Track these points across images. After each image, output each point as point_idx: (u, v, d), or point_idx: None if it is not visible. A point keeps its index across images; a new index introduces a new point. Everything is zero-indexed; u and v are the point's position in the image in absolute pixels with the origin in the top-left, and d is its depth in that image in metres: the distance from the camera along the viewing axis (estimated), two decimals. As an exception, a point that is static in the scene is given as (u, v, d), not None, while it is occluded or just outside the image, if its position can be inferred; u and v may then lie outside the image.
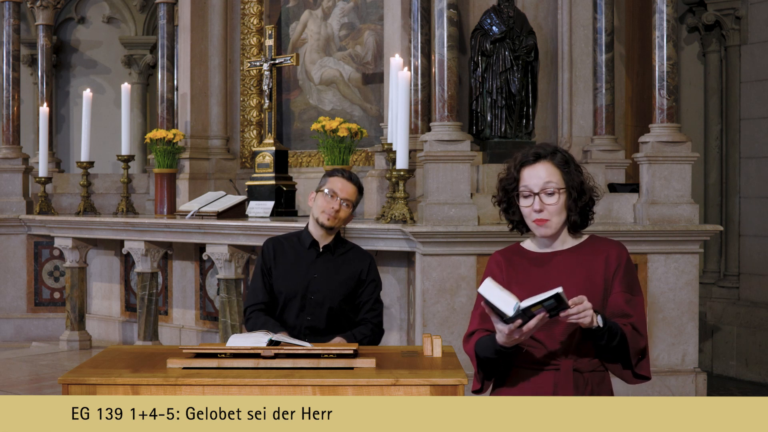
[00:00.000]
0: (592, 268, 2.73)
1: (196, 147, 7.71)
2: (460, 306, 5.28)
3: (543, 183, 2.69)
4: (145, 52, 9.78)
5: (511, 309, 2.47)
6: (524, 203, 2.72)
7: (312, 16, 7.40)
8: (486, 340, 2.68)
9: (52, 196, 8.12)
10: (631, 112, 6.76)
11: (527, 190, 2.71)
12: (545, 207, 2.69)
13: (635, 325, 2.67)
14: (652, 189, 5.46)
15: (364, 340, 3.86)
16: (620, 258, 2.74)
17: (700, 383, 5.51)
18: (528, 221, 2.74)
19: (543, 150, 2.75)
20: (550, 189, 2.69)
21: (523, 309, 2.46)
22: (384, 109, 6.51)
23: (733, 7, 7.50)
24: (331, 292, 3.89)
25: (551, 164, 2.72)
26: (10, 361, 7.14)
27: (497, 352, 2.63)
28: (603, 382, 2.75)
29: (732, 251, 7.55)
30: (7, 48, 8.24)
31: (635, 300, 2.73)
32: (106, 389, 2.90)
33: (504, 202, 2.81)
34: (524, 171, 2.73)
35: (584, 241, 2.80)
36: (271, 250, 3.97)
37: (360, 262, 3.97)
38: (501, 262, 2.81)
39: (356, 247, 4.08)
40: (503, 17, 6.03)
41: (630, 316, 2.68)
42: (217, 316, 6.95)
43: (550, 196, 2.69)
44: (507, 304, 2.48)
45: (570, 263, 2.74)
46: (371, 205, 6.45)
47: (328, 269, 3.92)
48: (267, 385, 2.89)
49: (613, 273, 2.73)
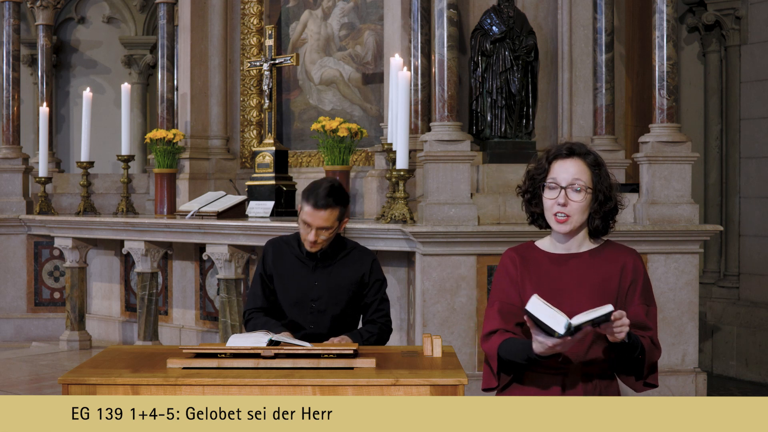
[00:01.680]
0: (607, 275, 2.71)
1: (196, 147, 7.71)
2: (460, 306, 5.28)
3: (572, 178, 2.67)
4: (145, 52, 9.78)
5: (561, 327, 2.44)
6: (549, 195, 2.70)
7: (312, 16, 7.40)
8: (515, 345, 2.65)
9: (52, 196, 8.12)
10: (631, 112, 6.76)
11: (554, 183, 2.69)
12: (569, 202, 2.67)
13: (653, 338, 2.68)
14: (652, 189, 5.46)
15: (371, 338, 3.80)
16: (637, 269, 2.73)
17: (700, 383, 5.51)
18: (548, 214, 2.72)
19: (578, 147, 2.74)
20: (578, 186, 2.67)
21: (574, 327, 2.44)
22: (384, 109, 6.51)
23: (733, 7, 7.50)
24: (333, 299, 3.84)
25: (583, 162, 2.71)
26: (10, 361, 7.14)
27: (530, 360, 2.60)
28: (610, 386, 2.76)
29: (732, 251, 7.55)
30: (7, 48, 8.24)
31: (651, 312, 2.73)
32: (106, 389, 2.90)
33: (529, 192, 2.78)
34: (555, 164, 2.71)
35: (600, 246, 2.78)
36: (271, 255, 3.89)
37: (361, 265, 3.87)
38: (515, 259, 2.78)
39: (357, 247, 3.97)
40: (503, 17, 6.03)
41: (650, 329, 2.68)
42: (217, 316, 6.95)
43: (577, 193, 2.67)
44: (557, 321, 2.45)
45: (586, 267, 2.73)
46: (371, 205, 6.45)
47: (330, 275, 3.84)
48: (267, 385, 2.89)
49: (630, 284, 2.71)
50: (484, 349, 2.75)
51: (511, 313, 2.72)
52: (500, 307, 2.73)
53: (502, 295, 2.76)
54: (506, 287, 2.77)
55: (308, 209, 3.71)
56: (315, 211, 3.70)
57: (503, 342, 2.68)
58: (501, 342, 2.68)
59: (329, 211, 3.71)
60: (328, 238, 3.78)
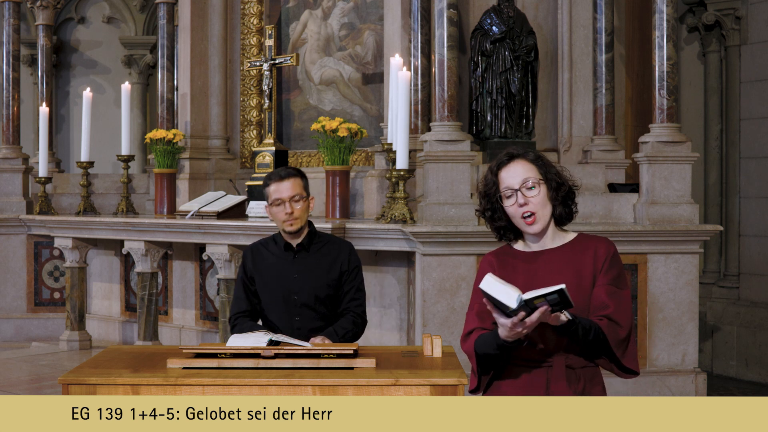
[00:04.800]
0: (581, 264, 2.76)
1: (196, 147, 7.71)
2: (460, 306, 5.28)
3: (521, 178, 2.75)
4: (145, 52, 9.78)
5: (514, 301, 2.48)
6: (508, 203, 2.77)
7: (312, 16, 7.40)
8: (486, 337, 2.69)
9: (52, 196, 8.12)
10: (631, 112, 6.76)
11: (509, 190, 2.76)
12: (528, 200, 2.74)
13: (612, 316, 2.69)
14: (652, 189, 5.46)
15: (346, 335, 3.80)
16: (608, 253, 2.78)
17: (700, 383, 5.51)
18: (516, 221, 2.78)
19: (515, 150, 2.83)
20: (530, 183, 2.75)
21: (525, 300, 2.47)
22: (384, 109, 6.51)
23: (733, 7, 7.50)
24: (314, 290, 3.85)
25: (525, 161, 2.79)
26: (10, 361, 7.13)
27: (499, 347, 2.64)
28: (595, 377, 2.79)
29: (732, 251, 7.55)
30: (7, 48, 8.24)
31: (621, 293, 2.75)
32: (106, 389, 2.90)
33: (488, 210, 2.84)
34: (501, 173, 2.79)
35: (573, 239, 2.84)
36: (250, 258, 3.94)
37: (338, 254, 3.91)
38: (493, 262, 2.84)
39: (332, 239, 4.02)
40: (503, 17, 6.03)
41: (608, 307, 2.70)
42: (217, 316, 6.95)
43: (531, 190, 2.74)
44: (509, 296, 2.49)
45: (559, 260, 2.77)
46: (371, 205, 6.45)
47: (307, 266, 3.87)
48: (267, 385, 2.89)
49: (600, 267, 2.76)
50: (464, 350, 2.80)
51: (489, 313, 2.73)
52: (479, 308, 2.76)
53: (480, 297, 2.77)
54: None
55: (274, 187, 3.82)
56: (280, 183, 3.81)
57: (477, 338, 2.73)
58: (475, 339, 2.73)
59: (293, 180, 3.83)
60: (303, 210, 3.84)
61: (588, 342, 2.65)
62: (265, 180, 3.90)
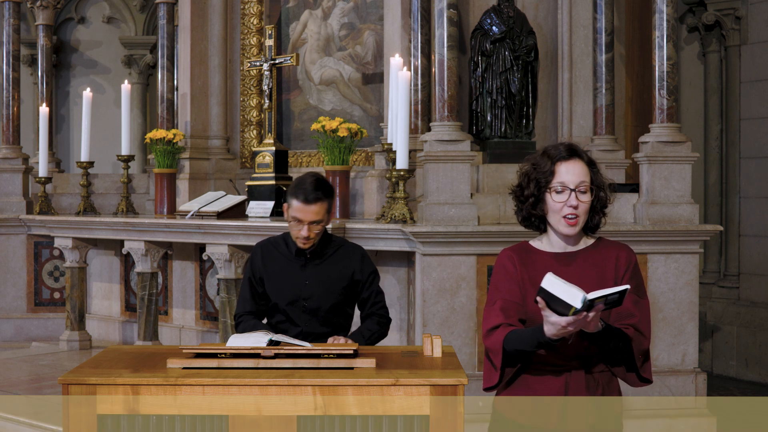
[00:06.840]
0: (604, 269, 2.75)
1: (196, 147, 7.71)
2: (460, 306, 5.28)
3: (579, 180, 2.71)
4: (145, 52, 9.78)
5: (579, 301, 2.44)
6: (558, 198, 2.71)
7: (312, 16, 7.40)
8: (522, 334, 2.64)
9: (52, 196, 8.12)
10: (631, 112, 6.76)
11: (563, 186, 2.71)
12: (580, 204, 2.70)
13: (637, 326, 2.68)
14: (652, 189, 5.46)
15: (372, 336, 3.82)
16: (629, 261, 2.77)
17: (700, 383, 5.51)
18: (555, 216, 2.73)
19: (575, 147, 2.77)
20: (583, 187, 2.71)
21: (590, 301, 2.45)
22: (384, 109, 6.51)
23: (733, 7, 7.51)
24: (325, 297, 3.83)
25: (583, 162, 2.74)
26: (10, 361, 7.13)
27: (541, 344, 2.59)
28: (611, 382, 2.78)
29: (732, 251, 7.55)
30: (7, 48, 8.24)
31: (642, 302, 2.74)
32: (106, 389, 2.90)
33: (533, 196, 2.77)
34: (560, 166, 2.73)
35: (596, 243, 2.82)
36: (260, 257, 3.88)
37: (350, 261, 3.87)
38: (514, 258, 2.79)
39: (345, 244, 3.96)
40: (503, 17, 6.03)
41: (634, 316, 2.69)
42: (217, 316, 6.95)
43: (584, 194, 2.71)
44: (573, 296, 2.45)
45: (587, 264, 2.76)
46: (371, 205, 6.45)
47: (319, 274, 3.83)
48: (267, 385, 2.89)
49: (622, 275, 2.74)
50: (487, 345, 2.74)
51: (514, 309, 2.72)
52: (502, 304, 2.72)
53: (503, 293, 2.75)
54: (507, 285, 2.77)
55: (298, 205, 3.70)
56: (306, 206, 3.69)
57: (508, 334, 2.67)
58: (506, 334, 2.67)
59: (319, 205, 3.71)
60: (320, 232, 3.78)
61: (611, 350, 2.64)
62: (293, 189, 3.74)
